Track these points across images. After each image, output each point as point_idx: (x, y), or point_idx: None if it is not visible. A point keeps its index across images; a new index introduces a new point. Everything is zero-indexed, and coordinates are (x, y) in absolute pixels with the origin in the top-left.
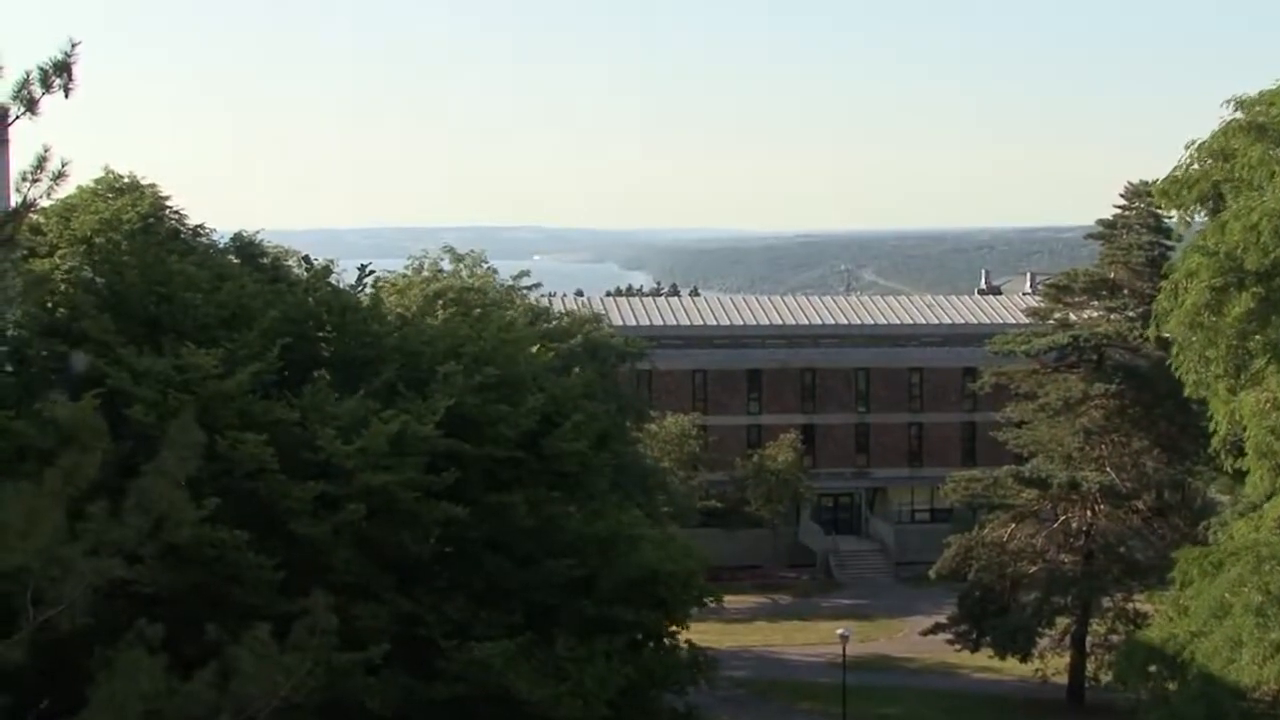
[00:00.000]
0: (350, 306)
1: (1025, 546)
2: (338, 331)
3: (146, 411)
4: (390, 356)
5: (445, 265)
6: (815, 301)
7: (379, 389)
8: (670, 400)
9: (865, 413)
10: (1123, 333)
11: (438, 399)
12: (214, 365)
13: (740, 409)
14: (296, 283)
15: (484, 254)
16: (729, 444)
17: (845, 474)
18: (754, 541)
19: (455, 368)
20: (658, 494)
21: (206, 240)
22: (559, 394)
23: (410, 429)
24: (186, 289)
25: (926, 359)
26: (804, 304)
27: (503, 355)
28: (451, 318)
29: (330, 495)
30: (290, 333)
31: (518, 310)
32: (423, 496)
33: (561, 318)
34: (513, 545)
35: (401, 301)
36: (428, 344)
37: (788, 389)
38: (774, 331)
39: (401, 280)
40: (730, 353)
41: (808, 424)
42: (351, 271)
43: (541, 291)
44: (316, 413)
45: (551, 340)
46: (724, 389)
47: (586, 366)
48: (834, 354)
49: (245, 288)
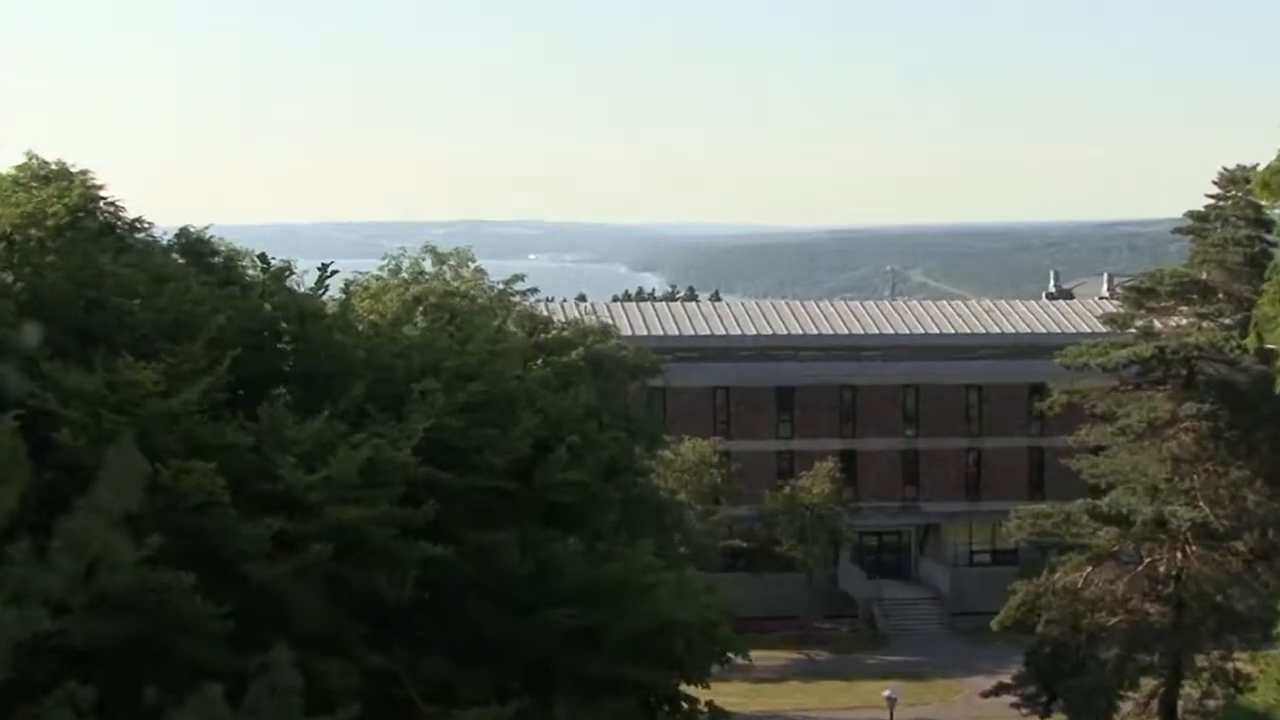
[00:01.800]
0: (313, 313)
1: (1103, 594)
2: (299, 342)
3: (76, 436)
4: (360, 371)
5: (427, 266)
6: (855, 307)
7: (347, 409)
8: (687, 422)
9: (914, 437)
10: (1217, 343)
11: (414, 420)
12: (154, 381)
13: (768, 432)
14: (251, 286)
15: (471, 252)
16: (756, 473)
17: (891, 509)
18: (786, 588)
19: (435, 385)
20: (673, 532)
21: (146, 236)
22: (557, 415)
23: (383, 455)
24: (121, 293)
25: (986, 374)
26: (842, 310)
27: (491, 370)
28: (432, 326)
29: (291, 533)
30: (243, 343)
31: (510, 318)
32: (398, 534)
33: (561, 327)
34: (503, 591)
35: (375, 308)
36: (403, 357)
37: (824, 409)
38: (807, 342)
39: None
40: (757, 367)
41: (847, 450)
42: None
43: (538, 296)
44: (274, 436)
45: (549, 353)
46: (749, 409)
47: (590, 383)
48: (878, 368)
49: (191, 291)
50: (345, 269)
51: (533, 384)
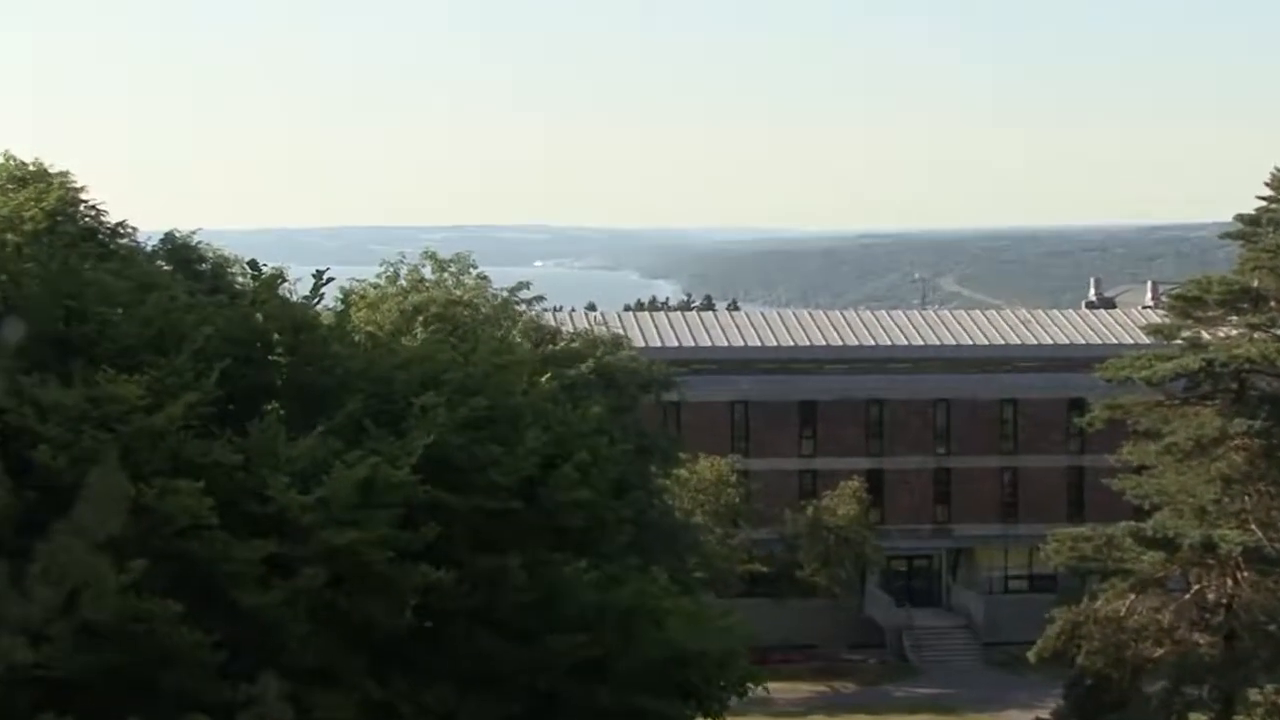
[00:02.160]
0: (307, 324)
1: (1149, 623)
2: (292, 354)
3: (55, 455)
4: (356, 385)
5: (427, 273)
6: (883, 317)
7: (342, 425)
8: (704, 439)
9: (946, 455)
10: (1269, 355)
11: (414, 437)
12: (138, 396)
13: (790, 450)
14: (241, 294)
15: (473, 258)
16: (777, 493)
17: (921, 531)
18: (809, 615)
19: (436, 399)
20: (689, 555)
21: (129, 242)
22: (565, 432)
23: (381, 475)
24: (103, 302)
25: (1022, 388)
26: (869, 320)
27: (496, 384)
28: (433, 338)
29: (283, 557)
30: (232, 355)
31: (515, 329)
32: (397, 558)
33: (569, 338)
34: (508, 618)
35: (372, 318)
36: (402, 369)
37: (849, 425)
38: (832, 354)
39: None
40: (778, 380)
41: (874, 469)
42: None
43: (545, 305)
44: (265, 455)
45: (557, 365)
46: (770, 425)
47: (600, 398)
48: (907, 382)
49: (177, 300)
50: (339, 276)
51: (539, 399)
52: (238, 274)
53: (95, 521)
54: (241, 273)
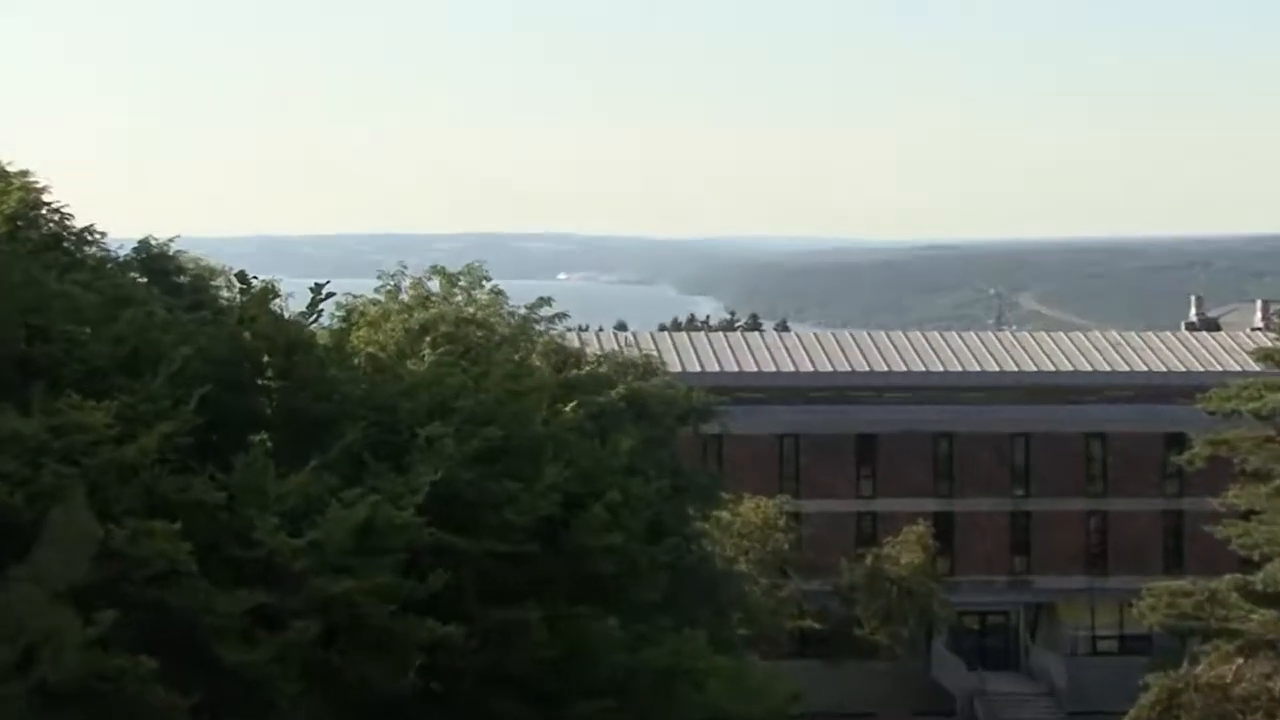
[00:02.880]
0: (301, 343)
1: (1258, 691)
2: (283, 378)
3: (11, 492)
4: (356, 413)
5: (433, 287)
6: (953, 339)
7: (339, 458)
8: (749, 477)
9: (1024, 496)
10: None
11: (420, 473)
12: (107, 425)
13: (847, 490)
14: (226, 310)
15: (485, 270)
16: (831, 539)
17: (997, 584)
18: (867, 678)
19: (444, 429)
20: (731, 609)
21: (99, 250)
22: (592, 468)
23: (382, 515)
24: (69, 318)
25: (1112, 421)
26: (936, 342)
27: (511, 412)
28: (442, 360)
29: (270, 608)
30: (215, 379)
31: (534, 351)
32: (399, 610)
33: (596, 361)
34: (525, 679)
35: (373, 337)
36: (407, 396)
37: (914, 462)
38: (895, 381)
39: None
40: (833, 411)
41: (943, 512)
42: (305, 294)
43: (569, 324)
44: (251, 492)
45: (582, 393)
46: (824, 462)
47: (631, 429)
48: (980, 413)
49: (154, 316)
50: (336, 290)
51: (562, 430)
52: (222, 287)
53: (57, 567)
54: (226, 285)
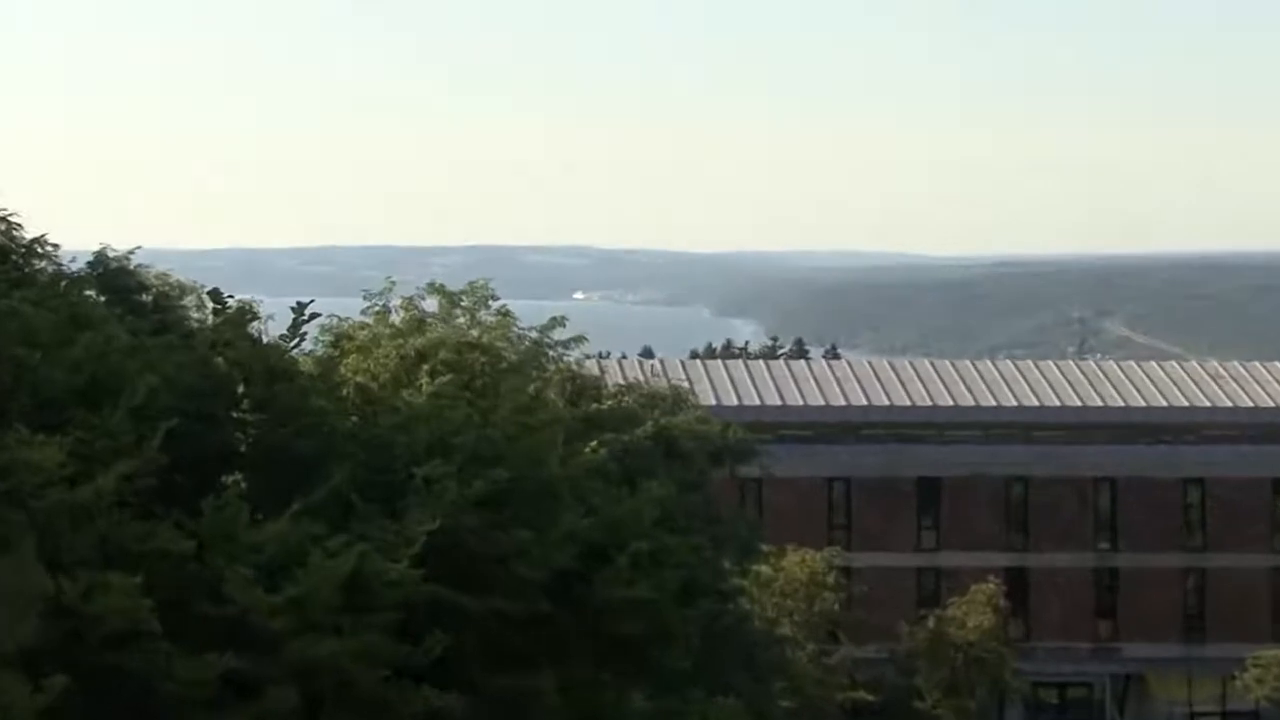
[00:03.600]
0: (282, 371)
1: None
2: (261, 410)
3: None
4: (344, 451)
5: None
6: (1028, 370)
7: (324, 502)
8: (794, 526)
9: (1111, 550)
10: None
11: (417, 519)
12: (59, 463)
13: (906, 542)
14: (196, 333)
15: (491, 288)
16: (888, 598)
17: (1078, 651)
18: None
19: (445, 469)
20: (772, 678)
21: (52, 265)
22: (616, 516)
23: (372, 568)
24: (20, 341)
25: (1212, 464)
26: (1009, 373)
27: (522, 451)
28: (442, 391)
29: (244, 673)
30: (184, 411)
31: (548, 381)
32: (392, 677)
33: (619, 393)
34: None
35: (363, 365)
36: (402, 431)
37: (983, 510)
38: (961, 417)
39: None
40: (890, 451)
41: (1016, 567)
42: (286, 315)
43: (588, 350)
44: (223, 541)
45: (603, 429)
46: (880, 509)
47: (660, 472)
48: (1059, 455)
49: (113, 340)
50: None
51: (581, 472)
52: (190, 306)
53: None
54: (196, 305)
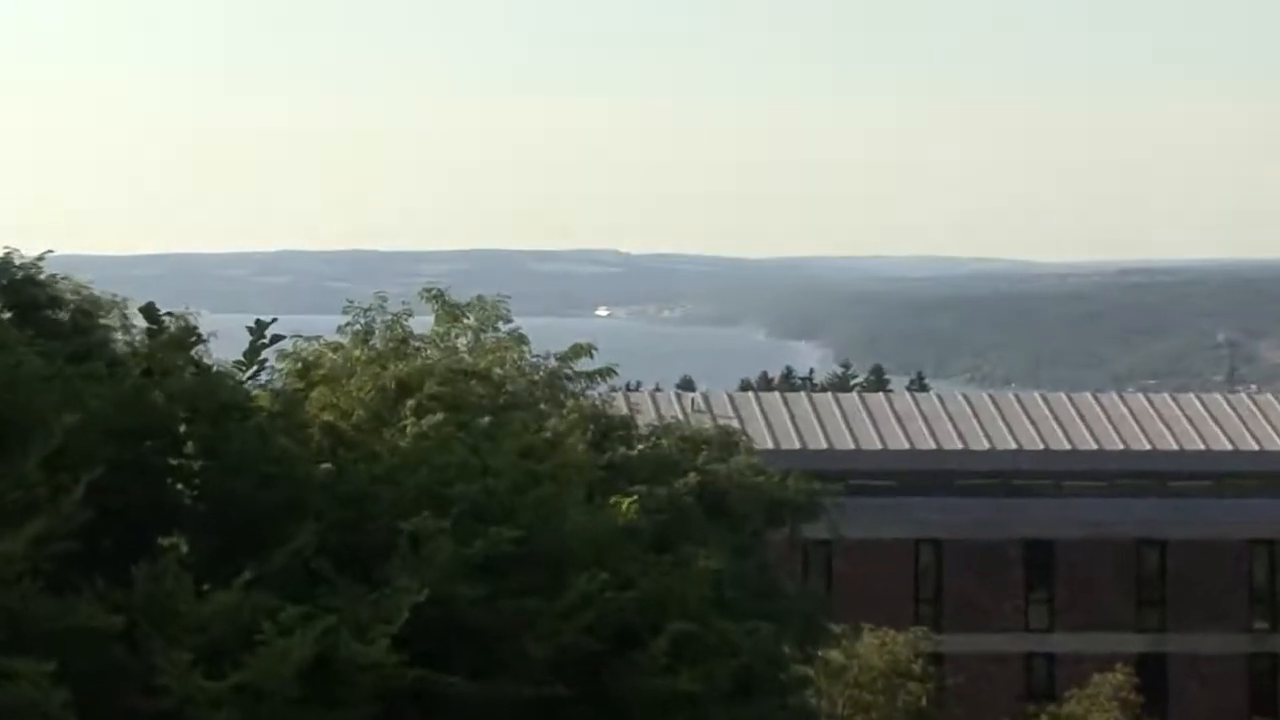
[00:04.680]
0: (234, 407)
1: None
2: (208, 456)
3: None
4: (311, 506)
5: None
6: (1164, 405)
7: (285, 569)
8: (870, 601)
9: (1269, 631)
10: None
11: (399, 588)
12: None
13: (1011, 620)
14: (126, 359)
15: (506, 307)
16: (989, 690)
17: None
18: None
19: (437, 525)
20: None
21: None
22: (651, 589)
23: (342, 650)
24: None
25: None
26: (1140, 408)
27: (533, 505)
28: (438, 429)
29: None
30: (110, 458)
31: (565, 419)
32: None
33: (654, 435)
34: None
35: (332, 399)
36: (385, 480)
37: (1108, 581)
38: (1081, 464)
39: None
40: (991, 506)
41: (1151, 653)
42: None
43: (616, 382)
44: (158, 617)
45: (634, 480)
46: (978, 579)
47: (706, 534)
48: (1204, 511)
49: (23, 368)
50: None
51: (606, 531)
52: (117, 327)
53: None
54: (123, 324)
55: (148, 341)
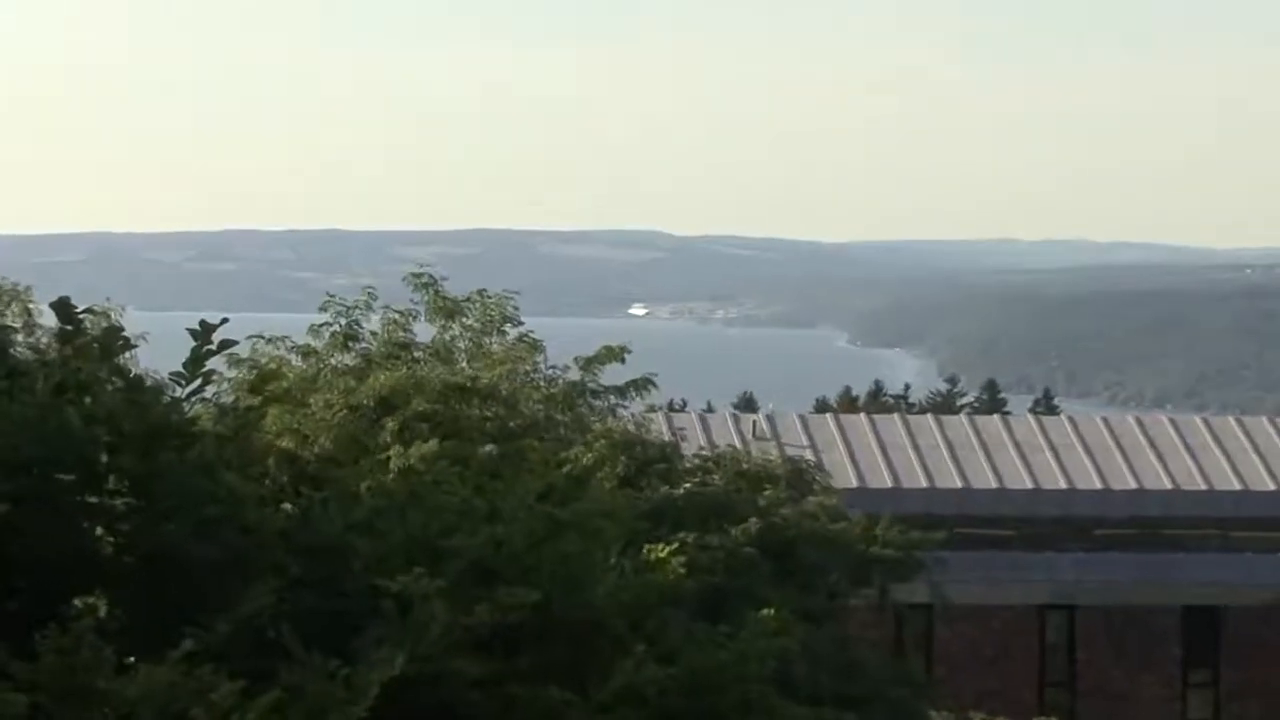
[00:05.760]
0: (171, 431)
1: None
2: (137, 494)
3: None
4: (266, 557)
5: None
6: None
7: (234, 638)
8: (984, 681)
9: None
10: None
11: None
12: None
13: (1166, 707)
14: (32, 369)
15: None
16: None
17: None
18: None
19: (431, 585)
20: None
21: None
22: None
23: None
24: None
25: None
26: None
27: (554, 560)
28: (429, 462)
29: None
30: (10, 496)
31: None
32: None
33: (705, 469)
34: None
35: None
36: (363, 529)
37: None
38: (1255, 509)
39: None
40: (1143, 564)
41: None
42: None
43: (655, 399)
44: (73, 695)
45: (680, 525)
46: (1124, 654)
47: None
48: None
49: None
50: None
51: (645, 593)
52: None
53: None
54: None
55: (59, 346)
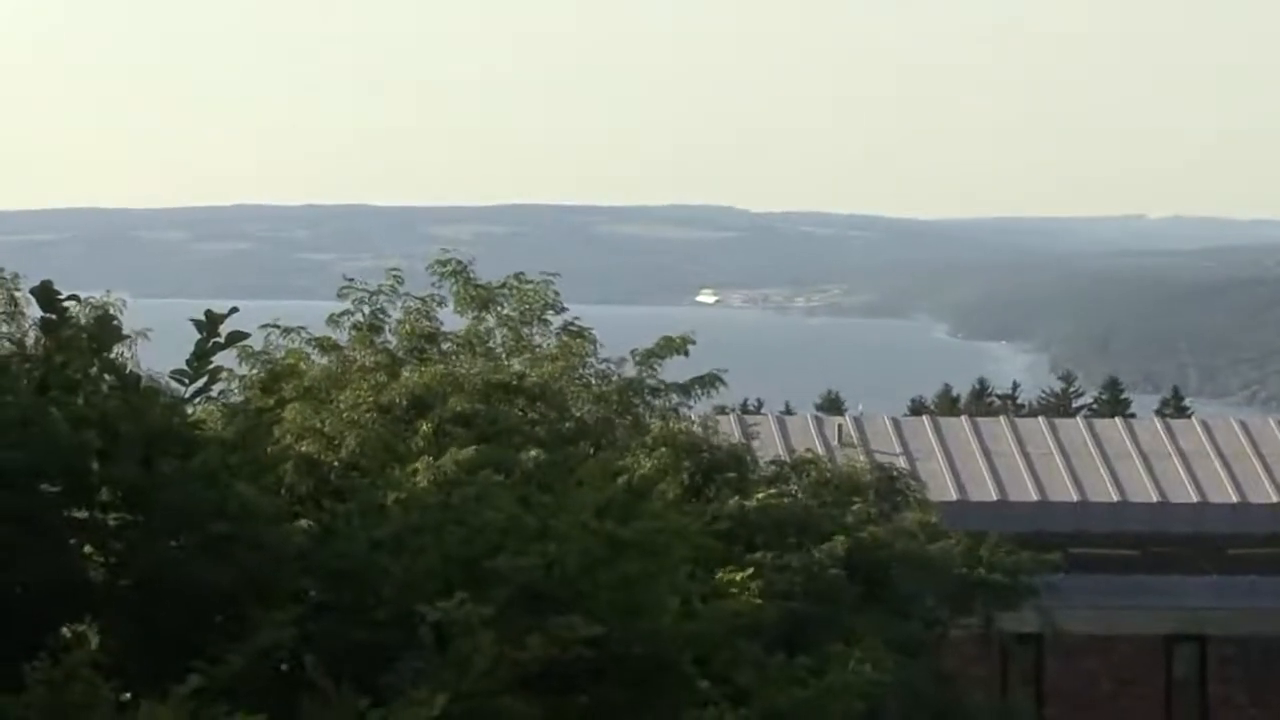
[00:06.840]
0: (172, 436)
1: None
2: (135, 507)
3: None
4: (284, 580)
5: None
6: None
7: (247, 673)
8: (1100, 716)
9: None
10: None
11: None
12: None
13: None
14: (13, 366)
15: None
16: None
17: None
18: None
19: (475, 613)
20: None
21: None
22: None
23: None
24: None
25: None
26: None
27: (615, 586)
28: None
29: None
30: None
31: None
32: None
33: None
34: None
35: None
36: (395, 547)
37: None
38: None
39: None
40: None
41: None
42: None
43: (723, 399)
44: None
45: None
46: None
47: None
48: None
49: None
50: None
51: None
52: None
53: None
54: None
55: (44, 339)
